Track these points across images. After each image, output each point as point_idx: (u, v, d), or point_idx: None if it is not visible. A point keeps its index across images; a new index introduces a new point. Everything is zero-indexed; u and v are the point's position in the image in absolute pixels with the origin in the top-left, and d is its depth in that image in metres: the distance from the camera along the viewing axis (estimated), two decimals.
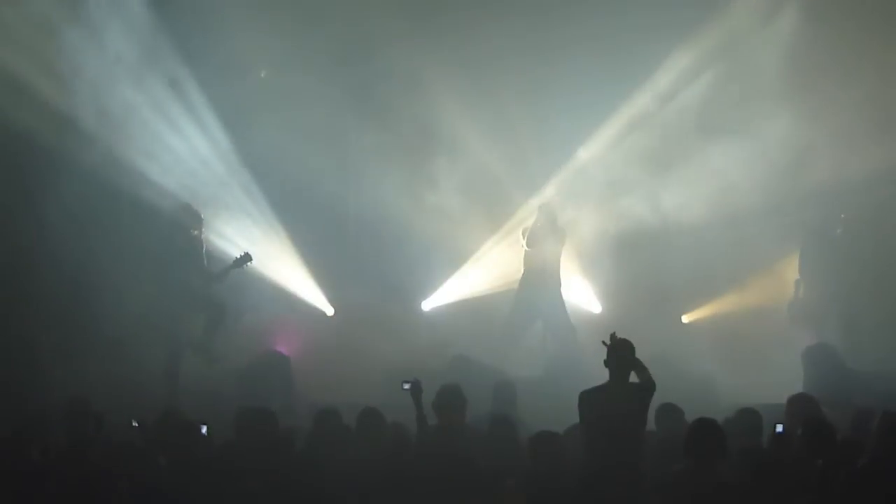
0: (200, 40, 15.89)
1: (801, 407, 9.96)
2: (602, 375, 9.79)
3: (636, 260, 16.96)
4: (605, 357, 9.71)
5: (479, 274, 17.35)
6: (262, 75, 17.19)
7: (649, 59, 16.53)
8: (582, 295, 17.25)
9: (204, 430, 9.80)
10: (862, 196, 16.09)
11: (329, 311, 17.33)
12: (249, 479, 9.15)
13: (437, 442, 10.02)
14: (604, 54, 16.45)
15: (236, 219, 16.53)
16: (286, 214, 16.97)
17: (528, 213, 16.46)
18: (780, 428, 9.41)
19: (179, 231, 14.52)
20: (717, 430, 8.70)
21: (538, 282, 15.79)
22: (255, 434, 9.87)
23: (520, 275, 16.03)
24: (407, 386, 10.37)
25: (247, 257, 14.65)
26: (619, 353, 9.65)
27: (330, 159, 17.00)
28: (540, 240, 15.76)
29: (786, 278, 16.51)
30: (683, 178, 16.78)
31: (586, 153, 17.20)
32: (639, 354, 9.82)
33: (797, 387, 11.66)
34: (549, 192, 16.77)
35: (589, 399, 9.62)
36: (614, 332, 9.80)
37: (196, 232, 14.60)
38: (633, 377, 9.68)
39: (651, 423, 10.24)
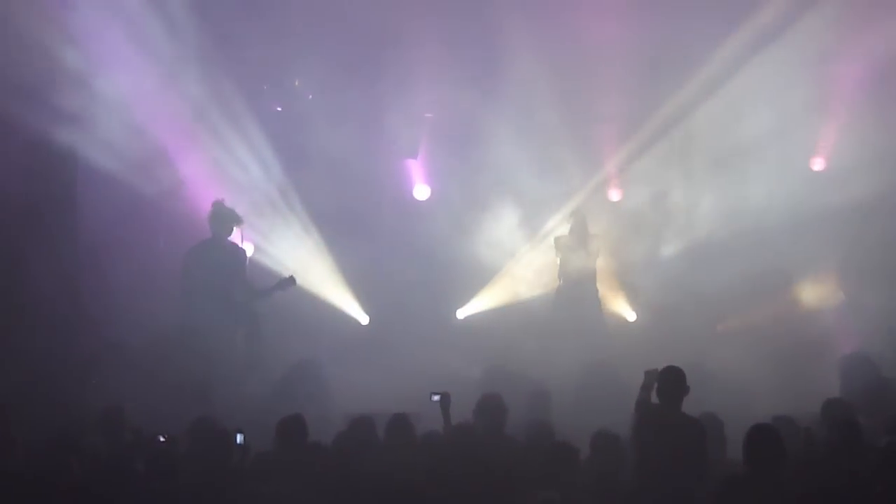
0: (236, 44, 15.92)
1: (836, 413, 9.90)
2: (638, 383, 9.76)
3: (671, 268, 16.89)
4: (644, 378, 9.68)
5: (513, 282, 17.33)
6: (297, 84, 17.22)
7: (682, 68, 16.44)
8: (617, 303, 17.19)
9: (240, 438, 9.80)
10: None
11: (364, 319, 17.35)
12: (283, 486, 9.16)
13: (474, 449, 9.99)
14: (636, 63, 16.38)
15: (272, 226, 16.59)
16: (321, 222, 17.00)
17: (560, 221, 16.42)
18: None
19: (221, 239, 14.52)
20: (775, 436, 8.66)
21: (574, 290, 15.78)
22: (290, 442, 9.90)
23: (555, 283, 15.99)
24: (436, 398, 10.36)
25: (291, 280, 14.66)
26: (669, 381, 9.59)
27: (365, 168, 17.04)
28: (573, 248, 15.73)
29: (824, 287, 16.43)
30: (720, 186, 16.72)
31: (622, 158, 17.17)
32: (674, 362, 9.78)
33: (833, 395, 11.53)
34: (581, 199, 16.71)
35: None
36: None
37: (234, 231, 14.60)
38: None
39: None
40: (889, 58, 15.85)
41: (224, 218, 14.57)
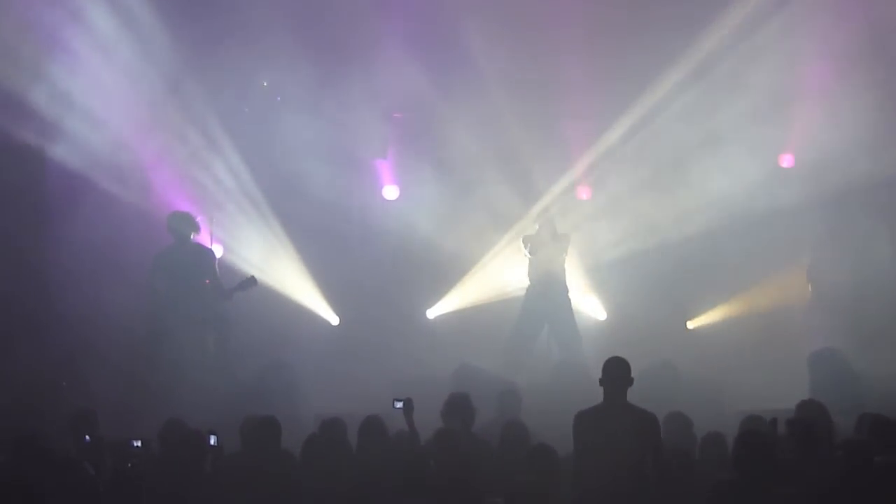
0: (203, 46, 15.89)
1: (810, 413, 9.92)
2: None
3: (641, 267, 16.94)
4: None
5: (483, 282, 17.34)
6: (265, 85, 17.20)
7: (653, 64, 16.47)
8: (587, 302, 17.23)
9: (213, 440, 9.78)
10: (874, 200, 16.08)
11: (334, 320, 17.34)
12: (254, 487, 9.15)
13: (442, 450, 9.98)
14: (607, 59, 16.40)
15: (240, 228, 16.56)
16: (291, 223, 16.98)
17: (529, 221, 16.43)
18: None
19: (185, 243, 14.48)
20: (766, 444, 8.57)
21: (543, 290, 15.76)
22: (260, 443, 9.90)
23: (525, 283, 16.01)
24: (399, 405, 10.32)
25: (252, 281, 14.59)
26: (614, 374, 9.51)
27: (334, 169, 17.02)
28: (542, 248, 15.74)
29: (792, 283, 16.51)
30: (689, 184, 16.77)
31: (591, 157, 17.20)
32: (644, 361, 9.77)
33: (804, 392, 11.62)
34: (550, 200, 16.71)
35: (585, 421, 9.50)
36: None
37: (195, 237, 14.58)
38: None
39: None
40: (857, 53, 15.92)
41: (182, 222, 14.52)
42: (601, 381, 9.43)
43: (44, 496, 8.34)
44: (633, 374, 9.38)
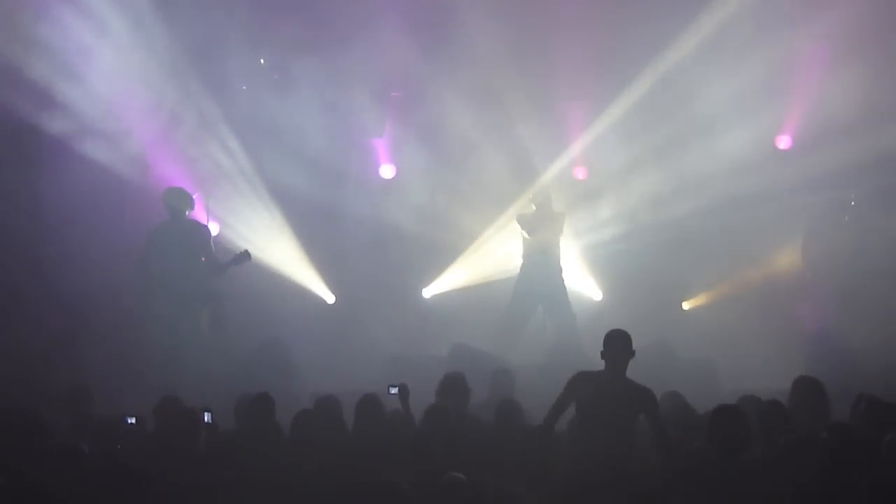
0: (201, 24, 15.84)
1: (805, 390, 9.94)
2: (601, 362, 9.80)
3: (637, 246, 16.93)
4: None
5: (479, 261, 17.33)
6: (262, 62, 17.15)
7: (648, 46, 16.41)
8: (583, 282, 17.23)
9: (207, 417, 9.79)
10: (869, 180, 16.06)
11: (330, 298, 17.34)
12: (248, 464, 9.15)
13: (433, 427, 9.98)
14: (606, 38, 16.36)
15: (237, 205, 16.55)
16: (286, 202, 16.96)
17: (525, 200, 16.41)
18: None
19: (180, 219, 14.45)
20: (741, 418, 8.68)
21: (538, 269, 15.72)
22: (253, 420, 9.90)
23: (520, 262, 15.99)
24: (394, 391, 10.34)
25: (245, 255, 14.53)
26: (616, 345, 9.61)
27: (328, 145, 16.99)
28: (537, 226, 15.71)
29: (788, 263, 16.51)
30: (685, 164, 16.76)
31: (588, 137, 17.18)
32: (640, 340, 9.80)
33: (799, 371, 11.61)
34: (546, 179, 16.68)
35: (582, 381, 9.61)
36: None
37: (190, 214, 14.56)
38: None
39: None
40: (855, 33, 15.89)
41: (177, 198, 14.48)
42: (602, 354, 9.52)
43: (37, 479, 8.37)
44: None
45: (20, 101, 14.47)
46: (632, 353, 9.60)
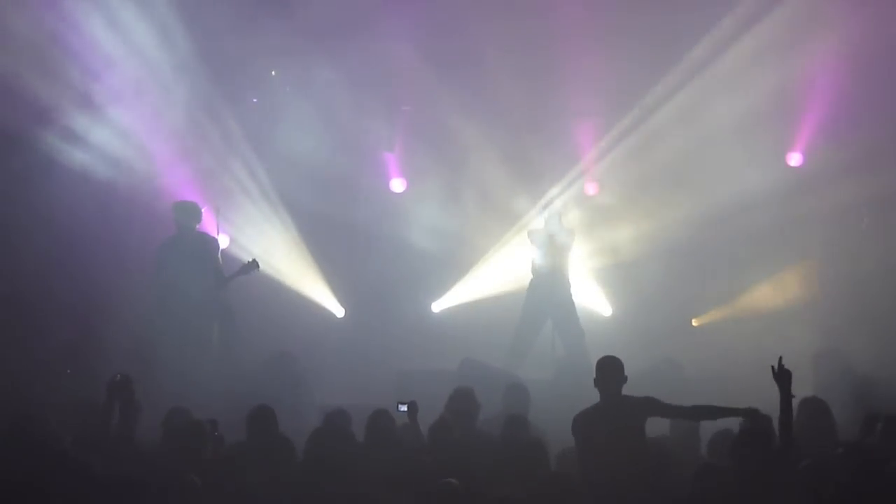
0: (213, 35, 15.86)
1: (811, 410, 9.92)
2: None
3: (647, 263, 16.92)
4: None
5: (489, 276, 17.34)
6: (273, 75, 17.18)
7: (663, 60, 16.43)
8: (592, 298, 17.21)
9: (215, 429, 9.79)
10: (879, 204, 16.06)
11: (339, 311, 17.34)
12: (255, 478, 9.13)
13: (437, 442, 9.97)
14: (617, 55, 16.35)
15: (247, 219, 16.56)
16: (297, 215, 16.98)
17: (536, 215, 16.42)
18: None
19: (189, 233, 14.46)
20: (767, 435, 8.67)
21: (547, 284, 15.70)
22: (261, 434, 9.89)
23: (530, 277, 15.99)
24: (403, 408, 10.32)
25: (254, 264, 14.52)
26: (607, 373, 9.55)
27: (338, 158, 17.01)
28: (547, 242, 15.70)
29: (798, 282, 16.48)
30: (697, 180, 16.75)
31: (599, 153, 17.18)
32: (649, 358, 9.80)
33: (807, 391, 11.58)
34: (557, 194, 16.69)
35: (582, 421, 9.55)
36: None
37: (199, 228, 14.56)
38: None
39: (665, 429, 10.25)
40: (866, 49, 15.86)
41: (186, 212, 14.49)
42: (595, 382, 9.49)
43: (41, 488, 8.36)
44: (637, 372, 9.49)
45: (29, 113, 14.48)
46: (624, 379, 9.52)
